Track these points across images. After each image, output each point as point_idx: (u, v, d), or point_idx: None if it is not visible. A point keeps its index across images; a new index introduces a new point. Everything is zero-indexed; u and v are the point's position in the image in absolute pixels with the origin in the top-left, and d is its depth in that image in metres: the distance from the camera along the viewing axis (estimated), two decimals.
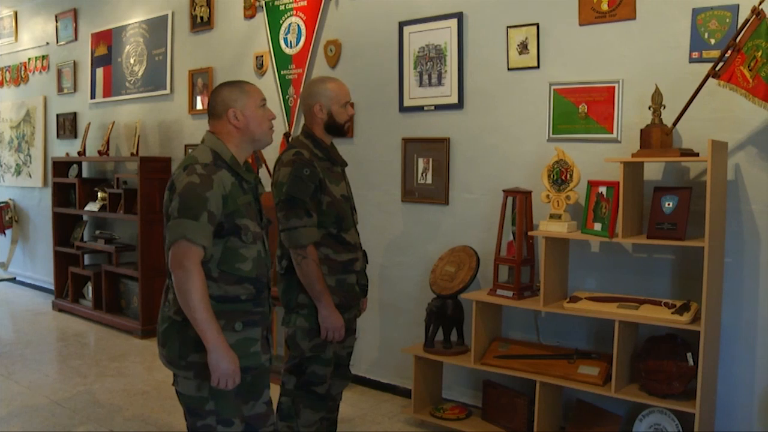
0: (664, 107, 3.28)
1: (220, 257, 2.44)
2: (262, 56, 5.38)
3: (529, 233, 3.71)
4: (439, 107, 4.33)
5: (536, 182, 3.80)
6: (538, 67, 3.90)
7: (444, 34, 4.26)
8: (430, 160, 4.37)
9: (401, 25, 4.47)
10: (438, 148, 4.32)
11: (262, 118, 2.55)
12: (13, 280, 8.66)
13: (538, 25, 3.87)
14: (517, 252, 3.70)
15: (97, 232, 6.93)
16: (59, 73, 7.74)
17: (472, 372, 4.11)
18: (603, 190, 3.43)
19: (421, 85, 4.40)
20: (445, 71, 4.27)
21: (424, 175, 4.41)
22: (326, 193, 3.06)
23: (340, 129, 3.16)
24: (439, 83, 4.30)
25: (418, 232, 4.49)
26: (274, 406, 2.85)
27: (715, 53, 3.23)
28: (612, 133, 3.62)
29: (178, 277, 2.33)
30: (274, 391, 2.72)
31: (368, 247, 3.60)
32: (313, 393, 3.15)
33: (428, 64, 4.35)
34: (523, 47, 3.93)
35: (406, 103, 4.48)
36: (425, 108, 4.39)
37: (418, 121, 4.44)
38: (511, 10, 3.98)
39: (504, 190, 3.80)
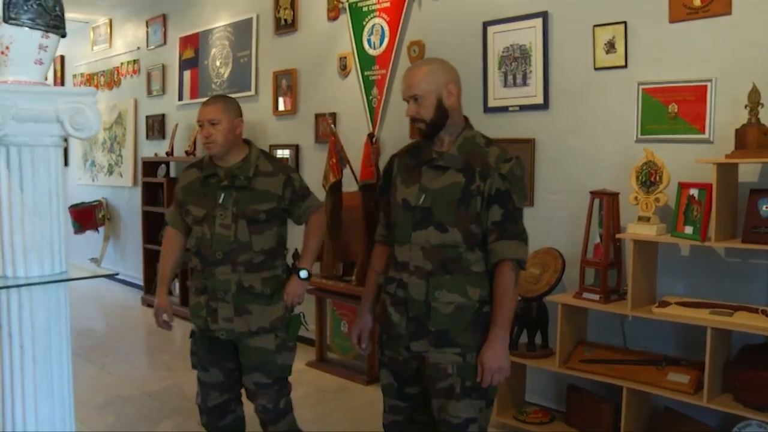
0: (762, 106, 3.15)
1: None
2: (345, 57, 5.44)
3: (617, 236, 3.63)
4: (524, 108, 4.28)
5: (623, 184, 3.71)
6: (625, 66, 3.82)
7: (529, 34, 4.22)
8: None
9: (485, 25, 4.45)
10: (523, 149, 4.27)
11: (200, 133, 3.08)
12: (116, 275, 8.91)
13: (626, 23, 3.79)
14: (604, 255, 3.63)
15: None
16: (149, 76, 8.02)
17: (555, 376, 4.05)
18: (694, 192, 3.33)
19: (505, 85, 4.36)
20: (530, 71, 4.22)
21: None
22: (391, 194, 2.70)
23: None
24: (524, 83, 4.26)
25: None
26: None
27: None
28: (704, 133, 3.51)
29: None
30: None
31: None
32: None
33: (513, 64, 4.31)
34: (610, 46, 3.85)
35: (491, 103, 4.45)
36: (510, 108, 4.35)
37: (502, 122, 4.40)
38: (598, 9, 3.91)
39: (591, 192, 3.73)
